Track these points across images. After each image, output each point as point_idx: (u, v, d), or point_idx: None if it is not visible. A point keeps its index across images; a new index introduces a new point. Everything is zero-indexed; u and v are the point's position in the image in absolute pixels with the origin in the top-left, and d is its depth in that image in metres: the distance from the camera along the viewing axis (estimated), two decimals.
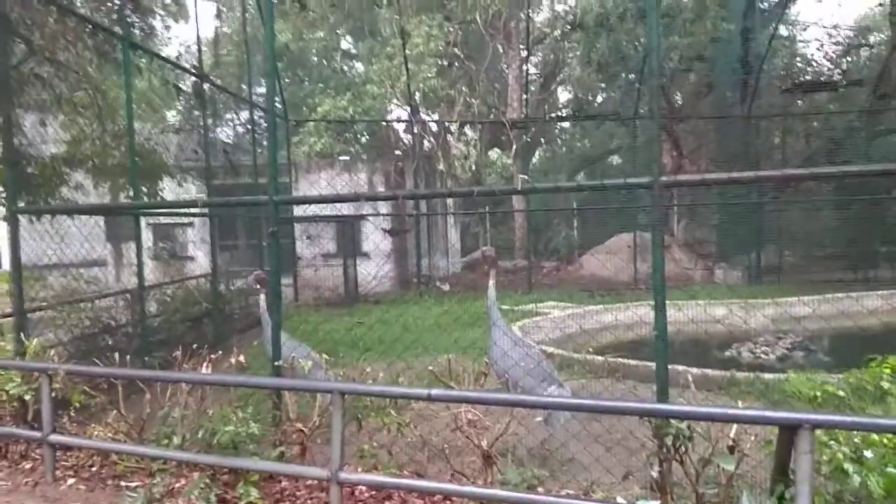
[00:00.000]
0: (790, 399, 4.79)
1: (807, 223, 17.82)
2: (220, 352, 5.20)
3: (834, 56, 19.51)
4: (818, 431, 2.80)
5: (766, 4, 17.24)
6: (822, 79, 16.47)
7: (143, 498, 4.09)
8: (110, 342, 8.92)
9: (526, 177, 4.57)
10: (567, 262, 20.82)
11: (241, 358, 4.76)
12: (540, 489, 3.78)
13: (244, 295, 11.59)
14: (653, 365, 7.88)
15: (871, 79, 15.34)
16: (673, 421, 3.04)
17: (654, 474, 3.09)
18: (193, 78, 10.76)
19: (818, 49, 18.09)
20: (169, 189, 10.97)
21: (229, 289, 11.69)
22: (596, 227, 22.90)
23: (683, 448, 3.03)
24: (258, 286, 6.11)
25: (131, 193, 8.16)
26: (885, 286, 13.81)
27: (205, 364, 4.62)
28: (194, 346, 9.60)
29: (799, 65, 18.40)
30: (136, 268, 8.41)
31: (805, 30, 19.67)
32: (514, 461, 4.05)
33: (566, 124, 33.16)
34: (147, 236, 17.89)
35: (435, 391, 3.35)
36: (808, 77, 18.08)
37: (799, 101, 18.74)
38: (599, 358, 8.17)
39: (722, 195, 17.61)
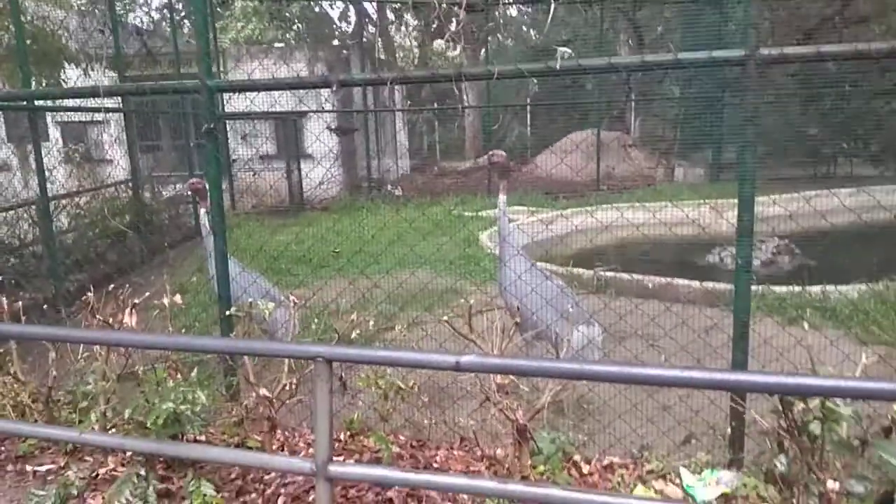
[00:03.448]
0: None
1: (767, 117, 17.25)
2: (147, 289, 3.99)
3: None
4: None
5: None
6: None
7: (56, 496, 3.04)
8: (14, 264, 7.57)
9: (568, 50, 3.55)
10: (522, 163, 19.78)
11: (178, 298, 3.61)
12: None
13: (174, 204, 10.15)
14: (647, 279, 7.22)
15: None
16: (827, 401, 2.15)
17: (782, 466, 2.24)
18: None
19: None
20: (75, 81, 9.18)
21: (155, 197, 10.19)
22: (549, 124, 21.79)
23: (822, 433, 2.17)
24: (195, 197, 4.84)
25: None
26: (846, 183, 13.48)
27: (127, 311, 3.44)
28: (117, 265, 8.35)
29: None
30: (37, 174, 6.90)
31: None
32: (547, 424, 3.18)
33: (514, 12, 31.10)
34: (55, 136, 15.77)
35: (465, 358, 2.34)
36: None
37: None
38: (587, 272, 7.38)
39: (683, 86, 16.79)
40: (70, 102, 7.97)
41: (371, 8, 22.61)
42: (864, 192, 11.24)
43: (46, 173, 9.28)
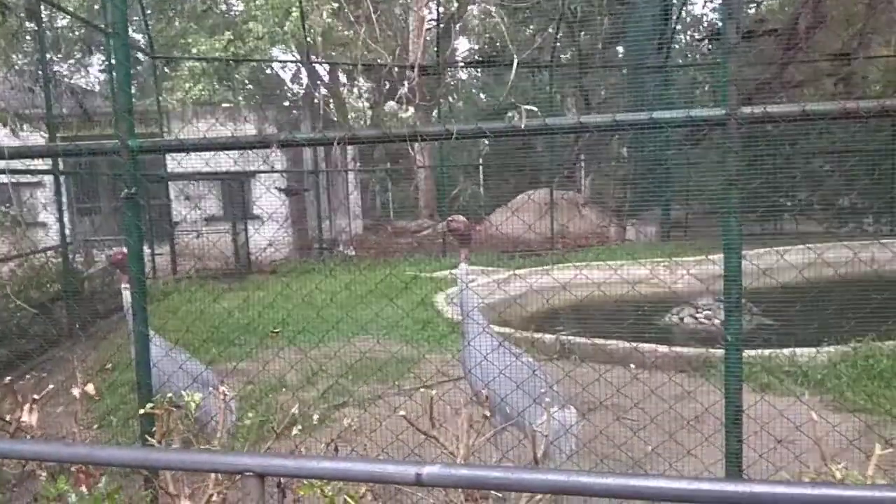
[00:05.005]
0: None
1: (715, 176, 17.68)
2: (71, 365, 3.47)
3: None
4: None
5: None
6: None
7: None
8: None
9: (532, 107, 3.34)
10: (476, 222, 19.67)
11: (90, 388, 3.10)
12: None
13: (109, 273, 9.48)
14: (615, 343, 6.88)
15: (784, 31, 15.00)
16: None
17: None
18: None
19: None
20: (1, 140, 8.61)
21: (88, 263, 9.51)
22: (502, 183, 21.87)
23: None
24: (117, 270, 4.32)
25: None
26: (791, 240, 13.71)
27: (27, 408, 2.91)
28: (40, 339, 7.63)
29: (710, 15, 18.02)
30: None
31: None
32: None
33: (464, 76, 31.79)
34: None
35: (427, 470, 1.93)
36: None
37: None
38: (549, 336, 7.07)
39: (634, 145, 17.18)
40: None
41: (323, 70, 22.66)
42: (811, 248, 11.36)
43: None
